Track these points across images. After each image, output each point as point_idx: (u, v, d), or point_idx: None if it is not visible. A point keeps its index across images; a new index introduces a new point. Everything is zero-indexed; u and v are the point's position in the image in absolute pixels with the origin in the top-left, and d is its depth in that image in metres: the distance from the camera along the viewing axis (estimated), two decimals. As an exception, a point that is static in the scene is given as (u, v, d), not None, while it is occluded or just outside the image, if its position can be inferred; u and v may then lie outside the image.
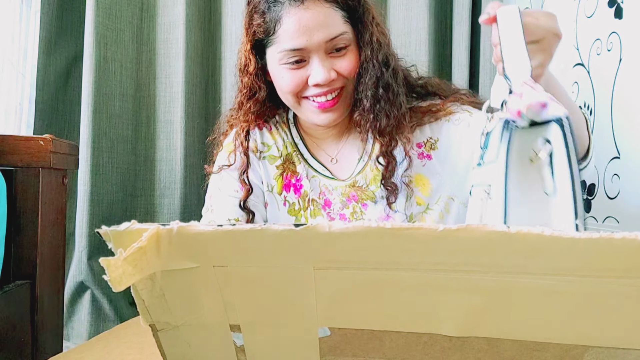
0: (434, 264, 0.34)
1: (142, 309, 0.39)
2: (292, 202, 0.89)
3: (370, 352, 0.41)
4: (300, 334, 0.40)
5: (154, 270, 0.36)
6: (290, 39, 0.77)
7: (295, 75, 0.79)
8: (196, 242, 0.35)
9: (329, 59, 0.79)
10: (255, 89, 0.86)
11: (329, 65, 0.78)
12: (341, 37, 0.78)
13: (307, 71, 0.79)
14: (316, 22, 0.76)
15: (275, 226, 0.33)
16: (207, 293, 0.38)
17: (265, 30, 0.80)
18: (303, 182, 0.89)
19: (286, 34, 0.77)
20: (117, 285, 0.32)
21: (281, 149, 0.91)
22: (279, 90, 0.83)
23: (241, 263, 0.36)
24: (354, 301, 0.37)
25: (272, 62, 0.82)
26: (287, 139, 0.92)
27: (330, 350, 0.41)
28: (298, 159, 0.90)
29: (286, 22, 0.77)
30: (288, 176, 0.90)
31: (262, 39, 0.81)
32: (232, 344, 0.42)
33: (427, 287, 0.35)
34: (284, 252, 0.35)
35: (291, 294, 0.37)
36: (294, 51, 0.77)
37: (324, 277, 0.36)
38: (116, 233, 0.33)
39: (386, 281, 0.35)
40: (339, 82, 0.80)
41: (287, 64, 0.79)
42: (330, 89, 0.79)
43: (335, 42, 0.78)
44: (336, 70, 0.79)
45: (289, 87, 0.80)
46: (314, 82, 0.78)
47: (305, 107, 0.82)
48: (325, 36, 0.77)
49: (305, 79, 0.79)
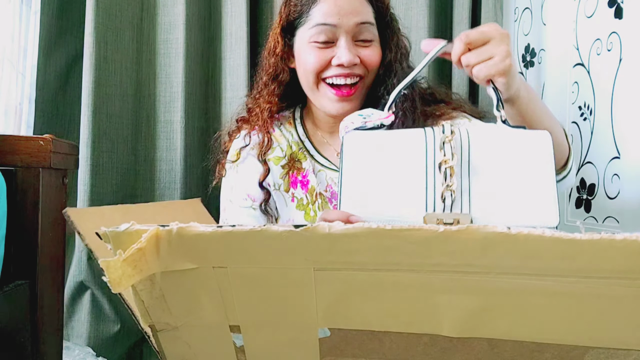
0: (434, 265, 0.33)
1: (142, 310, 0.39)
2: (299, 197, 0.92)
3: (370, 353, 0.41)
4: (300, 334, 0.40)
5: (153, 271, 0.36)
6: (323, 15, 0.83)
7: (321, 55, 0.84)
8: (196, 243, 0.35)
9: (355, 46, 0.84)
10: (279, 70, 0.91)
11: (354, 51, 0.84)
12: (370, 26, 0.85)
13: (333, 52, 0.84)
14: (350, 6, 0.83)
15: (275, 227, 0.33)
16: (207, 294, 0.38)
17: (299, 10, 0.86)
18: (309, 177, 0.92)
19: (320, 12, 0.83)
20: (117, 286, 0.32)
21: (285, 149, 0.94)
22: (303, 70, 0.87)
23: (241, 264, 0.36)
24: (354, 302, 0.37)
25: (301, 42, 0.87)
26: (292, 139, 0.95)
27: (330, 351, 0.41)
28: (304, 155, 0.94)
29: (322, 2, 0.83)
30: (294, 174, 0.93)
31: (295, 19, 0.87)
32: (232, 345, 0.42)
33: (427, 288, 0.35)
34: (283, 253, 0.35)
35: (291, 294, 0.37)
36: (325, 26, 0.82)
37: (324, 278, 0.36)
38: (115, 234, 0.33)
39: (386, 282, 0.35)
40: (359, 69, 0.84)
41: (316, 42, 0.84)
42: (350, 73, 0.84)
43: (363, 30, 0.84)
44: (360, 57, 0.84)
45: (313, 65, 0.84)
46: (338, 62, 0.83)
47: (322, 92, 0.86)
48: (357, 19, 0.83)
49: (329, 59, 0.84)
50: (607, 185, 0.86)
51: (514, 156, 0.59)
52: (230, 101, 1.21)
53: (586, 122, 0.91)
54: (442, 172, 0.58)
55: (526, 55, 1.15)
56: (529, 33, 1.14)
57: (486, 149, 0.60)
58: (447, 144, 0.59)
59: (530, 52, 1.14)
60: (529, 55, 1.14)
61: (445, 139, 0.59)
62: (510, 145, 0.60)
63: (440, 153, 0.59)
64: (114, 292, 0.32)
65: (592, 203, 0.90)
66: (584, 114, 0.92)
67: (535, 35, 1.11)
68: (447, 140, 0.59)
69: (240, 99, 1.18)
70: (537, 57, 1.11)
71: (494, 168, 0.59)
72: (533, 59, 1.12)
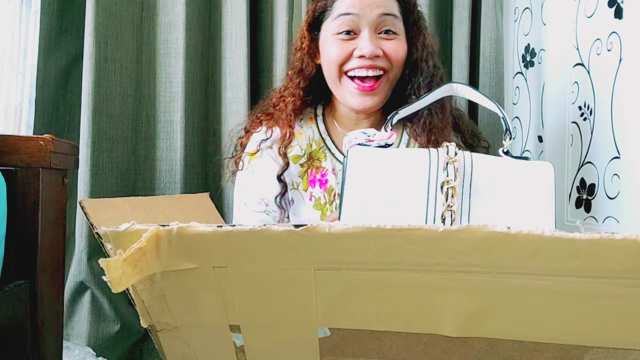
0: (435, 264, 0.33)
1: (142, 310, 0.39)
2: (317, 196, 0.92)
3: (370, 353, 0.41)
4: (300, 334, 0.40)
5: (153, 271, 0.36)
6: (346, 6, 0.84)
7: (344, 46, 0.84)
8: (196, 243, 0.35)
9: (377, 38, 0.85)
10: (305, 65, 0.92)
11: (376, 42, 0.84)
12: (394, 18, 0.85)
13: (355, 44, 0.84)
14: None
15: (275, 227, 0.33)
16: (207, 293, 0.38)
17: (324, 5, 0.88)
18: (328, 176, 0.92)
19: (343, 3, 0.85)
20: (117, 286, 0.32)
21: (305, 148, 0.94)
22: (326, 63, 0.88)
23: (241, 264, 0.36)
24: (354, 302, 0.37)
25: (325, 35, 0.88)
26: (313, 137, 0.95)
27: (331, 351, 0.41)
28: (324, 154, 0.93)
29: None
30: (312, 172, 0.93)
31: (320, 14, 0.89)
32: (232, 344, 0.42)
33: (427, 287, 0.35)
34: (284, 252, 0.35)
35: (291, 294, 0.37)
36: (347, 16, 0.83)
37: (324, 278, 0.36)
38: (115, 234, 0.33)
39: (386, 282, 0.35)
40: (382, 62, 0.85)
41: (339, 34, 0.85)
42: (372, 65, 0.84)
43: (387, 22, 0.85)
44: (383, 50, 0.84)
45: (335, 57, 0.85)
46: (360, 54, 0.83)
47: (345, 86, 0.87)
48: (380, 10, 0.83)
49: (351, 51, 0.84)
50: (607, 185, 0.86)
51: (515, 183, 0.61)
52: (230, 101, 1.21)
53: (586, 122, 0.91)
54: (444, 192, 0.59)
55: (526, 55, 1.15)
56: (529, 33, 1.14)
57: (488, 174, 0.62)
58: (450, 165, 0.60)
59: (530, 52, 1.14)
60: (529, 55, 1.14)
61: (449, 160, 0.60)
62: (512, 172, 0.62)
63: (444, 173, 0.59)
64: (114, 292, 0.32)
65: (592, 203, 0.90)
66: (584, 114, 0.92)
67: (535, 35, 1.11)
68: (450, 161, 0.60)
69: (240, 99, 1.19)
70: (537, 57, 1.11)
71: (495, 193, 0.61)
72: (533, 59, 1.12)
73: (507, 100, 1.20)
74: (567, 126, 0.97)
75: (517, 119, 1.20)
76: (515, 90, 1.21)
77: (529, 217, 0.60)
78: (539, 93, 1.09)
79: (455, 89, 0.74)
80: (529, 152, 1.14)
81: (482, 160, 0.63)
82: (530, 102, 1.13)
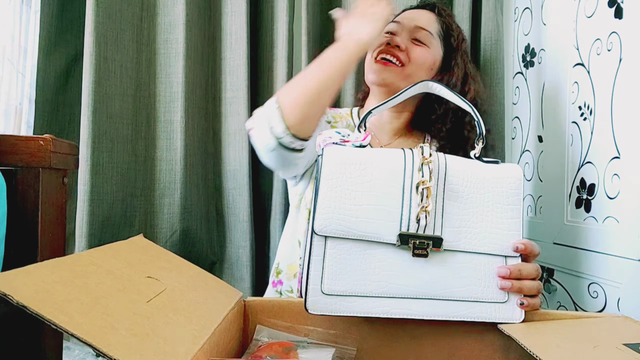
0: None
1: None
2: None
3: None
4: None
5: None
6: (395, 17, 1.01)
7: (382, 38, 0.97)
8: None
9: (408, 40, 0.97)
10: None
11: (406, 42, 0.97)
12: (428, 34, 0.98)
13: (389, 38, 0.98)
14: (417, 14, 1.01)
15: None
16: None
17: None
18: None
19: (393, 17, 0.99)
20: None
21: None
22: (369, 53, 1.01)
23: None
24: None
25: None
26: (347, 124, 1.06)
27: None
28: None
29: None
30: None
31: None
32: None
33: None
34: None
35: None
36: (393, 23, 0.99)
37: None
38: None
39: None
40: (403, 56, 0.95)
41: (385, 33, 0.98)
42: (392, 52, 0.95)
43: (421, 33, 0.97)
44: (409, 50, 0.96)
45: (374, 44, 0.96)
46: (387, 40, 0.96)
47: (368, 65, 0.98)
48: (417, 23, 0.98)
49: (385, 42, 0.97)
50: (607, 185, 0.86)
51: (486, 185, 0.63)
52: (230, 101, 1.21)
53: (586, 122, 0.91)
54: (419, 192, 0.59)
55: (526, 55, 1.15)
56: (529, 33, 1.14)
57: (461, 176, 0.63)
58: (425, 165, 0.60)
59: (530, 52, 1.14)
60: (529, 55, 1.14)
61: (424, 160, 0.60)
62: (484, 174, 0.64)
63: (419, 174, 0.60)
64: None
65: (592, 203, 0.90)
66: (584, 114, 0.92)
67: (535, 35, 1.11)
68: (425, 162, 0.60)
69: (240, 99, 1.19)
70: (537, 57, 1.11)
71: (467, 194, 0.63)
72: (533, 59, 1.12)
73: (507, 100, 1.20)
74: (567, 126, 0.97)
75: (517, 119, 1.20)
76: (515, 90, 1.21)
77: (499, 218, 0.62)
78: (539, 93, 1.09)
79: (430, 87, 0.74)
80: (529, 152, 1.14)
81: (456, 162, 0.64)
82: (530, 102, 1.13)
